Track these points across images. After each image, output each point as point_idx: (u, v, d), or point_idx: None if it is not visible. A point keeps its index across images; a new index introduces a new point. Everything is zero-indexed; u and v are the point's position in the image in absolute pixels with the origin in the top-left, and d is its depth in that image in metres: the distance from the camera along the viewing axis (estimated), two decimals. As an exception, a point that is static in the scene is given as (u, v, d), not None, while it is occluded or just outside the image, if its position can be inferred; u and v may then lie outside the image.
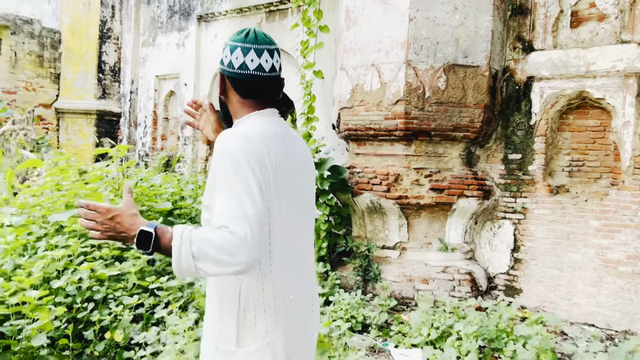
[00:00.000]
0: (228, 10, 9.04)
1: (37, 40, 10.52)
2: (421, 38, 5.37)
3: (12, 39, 10.12)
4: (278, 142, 1.55)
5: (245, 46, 1.57)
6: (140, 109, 11.07)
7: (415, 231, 5.67)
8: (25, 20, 10.32)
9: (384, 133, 5.57)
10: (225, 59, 1.61)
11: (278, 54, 1.63)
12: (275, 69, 1.61)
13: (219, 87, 1.68)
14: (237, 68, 1.58)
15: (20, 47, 10.27)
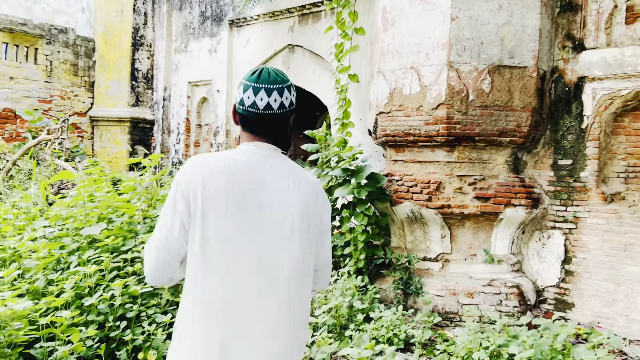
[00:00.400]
0: (260, 15, 8.90)
1: (72, 49, 10.59)
2: (464, 38, 5.09)
3: (48, 48, 10.20)
4: (235, 172, 1.65)
5: (246, 84, 1.71)
6: (173, 115, 11.04)
7: (458, 242, 5.38)
8: (60, 29, 10.40)
9: (425, 139, 5.31)
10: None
11: (279, 93, 1.70)
12: (271, 107, 1.70)
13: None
14: (238, 103, 1.73)
15: (55, 56, 10.35)
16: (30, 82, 9.99)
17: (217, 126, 9.93)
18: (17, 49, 9.82)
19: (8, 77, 9.68)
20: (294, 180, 1.72)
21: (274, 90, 1.69)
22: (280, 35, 8.68)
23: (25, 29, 9.70)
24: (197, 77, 10.45)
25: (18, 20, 9.68)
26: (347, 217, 5.39)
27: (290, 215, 1.68)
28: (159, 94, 11.33)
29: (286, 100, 1.71)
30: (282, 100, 1.70)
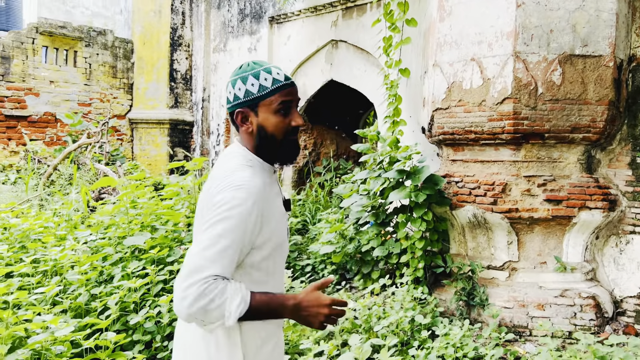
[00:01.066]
0: (302, 10, 8.58)
1: (110, 51, 10.49)
2: (531, 26, 4.64)
3: (87, 51, 10.13)
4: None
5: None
6: (212, 117, 10.84)
7: (526, 249, 4.92)
8: (99, 31, 10.31)
9: (488, 136, 4.87)
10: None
11: (230, 86, 1.70)
12: (228, 101, 1.71)
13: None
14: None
15: (94, 59, 10.27)
16: (70, 85, 9.93)
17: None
18: (57, 52, 9.78)
19: (48, 80, 9.63)
20: (216, 168, 1.73)
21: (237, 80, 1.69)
22: (323, 30, 8.34)
23: (64, 31, 9.63)
24: (237, 76, 10.20)
25: (57, 24, 9.62)
26: (403, 222, 5.01)
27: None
28: (197, 94, 11.15)
29: (229, 94, 1.69)
30: (227, 96, 1.70)
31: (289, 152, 1.75)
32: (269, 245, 1.67)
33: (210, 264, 1.50)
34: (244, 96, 1.66)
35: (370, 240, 5.28)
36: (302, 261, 5.84)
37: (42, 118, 9.55)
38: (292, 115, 1.71)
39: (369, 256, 5.34)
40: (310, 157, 9.73)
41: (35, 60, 9.39)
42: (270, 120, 1.68)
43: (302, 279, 5.32)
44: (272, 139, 1.69)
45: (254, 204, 1.57)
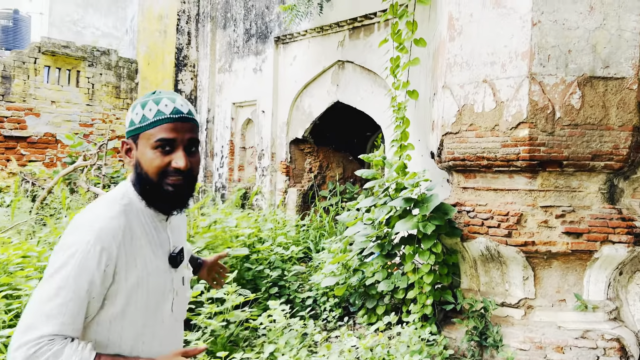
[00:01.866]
0: (308, 30, 8.36)
1: (114, 71, 10.33)
2: (548, 46, 4.33)
3: (89, 70, 9.97)
4: None
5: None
6: (216, 138, 10.60)
7: (544, 285, 4.55)
8: (102, 51, 10.16)
9: (501, 163, 4.54)
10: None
11: (132, 110, 1.52)
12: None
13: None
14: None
15: (97, 79, 10.11)
16: (72, 105, 9.76)
17: (262, 149, 9.40)
18: (59, 72, 9.62)
19: (50, 100, 9.46)
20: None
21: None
22: (329, 51, 8.10)
23: (67, 51, 9.49)
24: (242, 97, 9.99)
25: (60, 43, 9.49)
26: (411, 254, 4.66)
27: None
28: (202, 115, 10.94)
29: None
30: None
31: (169, 196, 1.49)
32: (124, 301, 1.42)
33: (45, 321, 1.29)
34: (129, 125, 1.49)
35: (375, 273, 4.94)
36: (302, 293, 5.49)
37: (42, 139, 9.36)
38: (175, 155, 1.46)
39: (374, 290, 4.99)
40: (316, 180, 9.43)
41: (36, 80, 9.24)
42: (146, 156, 1.46)
43: (302, 313, 4.98)
44: (146, 178, 1.47)
45: (102, 250, 1.34)
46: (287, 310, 4.46)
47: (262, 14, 9.38)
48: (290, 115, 9.01)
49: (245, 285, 5.29)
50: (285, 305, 5.14)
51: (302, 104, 8.84)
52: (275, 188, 9.27)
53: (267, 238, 5.93)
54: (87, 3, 20.55)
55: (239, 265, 5.33)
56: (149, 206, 1.51)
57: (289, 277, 5.46)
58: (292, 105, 8.94)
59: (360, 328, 5.06)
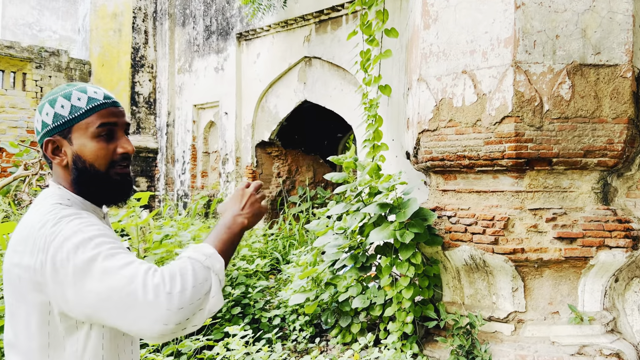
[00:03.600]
0: (271, 25, 7.83)
1: (65, 73, 9.61)
2: (533, 31, 3.90)
3: (37, 73, 9.23)
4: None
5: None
6: (177, 143, 9.96)
7: (534, 296, 4.11)
8: (52, 52, 9.43)
9: (485, 162, 4.10)
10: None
11: (40, 112, 1.34)
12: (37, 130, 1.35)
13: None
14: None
15: (46, 82, 9.37)
16: (18, 110, 9.01)
17: (226, 153, 8.81)
18: (2, 75, 8.85)
19: (-7, 105, 8.71)
20: (26, 217, 1.29)
21: (38, 110, 1.35)
22: (295, 46, 7.59)
23: (11, 52, 8.75)
24: (203, 99, 9.39)
25: (3, 43, 8.74)
26: (387, 266, 4.16)
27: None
28: (162, 119, 10.30)
29: (37, 122, 1.34)
30: (35, 126, 1.37)
31: (118, 187, 1.38)
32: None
33: (130, 267, 1.12)
34: (52, 121, 1.30)
35: (348, 288, 4.43)
36: (269, 312, 4.95)
37: (-17, 147, 8.62)
38: (119, 141, 1.36)
39: (348, 306, 4.48)
40: (285, 185, 8.89)
41: (-23, 83, 8.49)
42: (89, 148, 1.32)
43: (269, 335, 4.43)
44: (93, 171, 1.33)
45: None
46: (250, 335, 3.91)
47: (223, 9, 8.81)
48: (256, 117, 8.46)
49: (204, 306, 4.73)
50: (249, 326, 4.59)
51: (267, 104, 8.30)
52: (241, 195, 8.70)
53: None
54: (43, 5, 19.67)
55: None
56: (94, 203, 1.38)
57: (253, 294, 4.91)
58: (257, 105, 8.39)
59: (333, 349, 4.55)
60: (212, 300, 1.18)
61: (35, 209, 1.28)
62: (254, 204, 1.45)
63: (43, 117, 1.31)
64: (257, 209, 1.45)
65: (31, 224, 1.21)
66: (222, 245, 1.30)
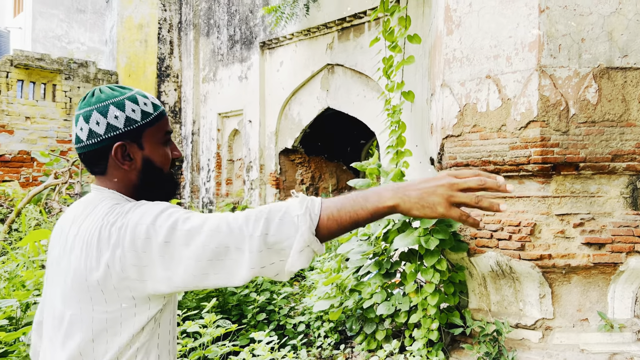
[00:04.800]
0: (294, 33, 7.90)
1: (93, 83, 9.83)
2: (558, 35, 3.87)
3: (66, 84, 9.46)
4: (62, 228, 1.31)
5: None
6: (202, 151, 10.09)
7: (563, 303, 4.04)
8: (80, 63, 9.67)
9: (510, 167, 4.06)
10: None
11: (76, 121, 1.30)
12: (80, 140, 1.28)
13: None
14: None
15: (75, 92, 9.60)
16: (48, 121, 9.24)
17: (250, 161, 8.89)
18: (34, 87, 9.10)
19: (24, 116, 8.95)
20: (80, 223, 1.24)
21: (81, 117, 1.28)
22: (318, 54, 7.64)
23: (42, 64, 8.99)
24: (228, 107, 9.50)
25: (34, 56, 8.98)
26: (412, 272, 4.15)
27: (67, 266, 1.22)
28: (187, 128, 10.44)
29: (80, 131, 1.28)
30: (77, 134, 1.29)
31: (174, 187, 1.45)
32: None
33: (211, 220, 1.13)
34: (125, 125, 1.27)
35: (373, 294, 4.43)
36: (294, 318, 4.97)
37: (16, 157, 8.83)
38: (171, 146, 1.42)
39: (372, 313, 4.47)
40: (308, 192, 8.92)
41: (9, 95, 8.72)
42: (159, 152, 1.35)
43: (294, 341, 4.45)
44: (160, 174, 1.36)
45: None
46: (275, 341, 3.94)
47: (247, 19, 8.92)
48: (279, 124, 8.52)
49: (230, 312, 4.77)
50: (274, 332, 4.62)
51: (290, 111, 8.36)
52: (265, 202, 8.76)
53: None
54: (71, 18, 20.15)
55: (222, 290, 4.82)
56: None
57: (278, 300, 4.94)
58: (280, 113, 8.46)
59: (358, 356, 4.54)
60: (289, 260, 1.12)
61: (91, 212, 1.24)
62: (441, 194, 1.10)
63: (110, 120, 1.26)
64: (435, 202, 1.09)
65: (95, 226, 1.18)
66: (340, 211, 1.14)
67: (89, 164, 1.32)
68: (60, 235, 1.29)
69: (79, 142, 1.28)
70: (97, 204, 1.26)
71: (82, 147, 1.28)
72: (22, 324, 3.73)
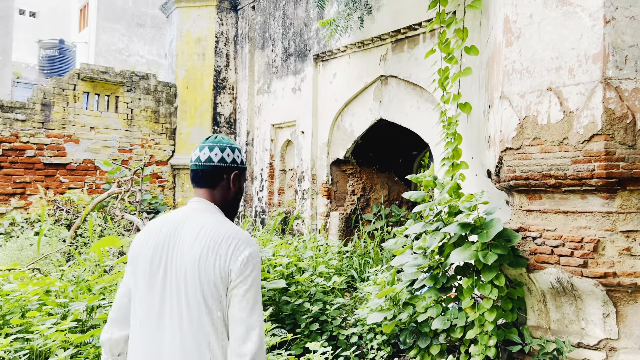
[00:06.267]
0: (348, 46, 7.97)
1: (153, 95, 10.20)
2: (624, 46, 3.76)
3: (128, 95, 9.86)
4: (160, 231, 1.83)
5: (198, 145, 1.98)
6: (256, 161, 10.28)
7: (628, 323, 3.89)
8: (141, 76, 10.06)
9: (572, 182, 3.95)
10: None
11: (209, 149, 1.92)
12: (200, 160, 1.91)
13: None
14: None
15: (136, 104, 9.99)
16: (111, 131, 9.65)
17: (302, 171, 8.99)
18: (98, 98, 9.54)
19: (89, 127, 9.38)
20: (199, 230, 1.78)
21: (206, 147, 1.92)
22: (371, 66, 7.67)
23: (106, 77, 9.41)
24: (281, 118, 9.66)
25: (99, 69, 9.42)
26: (469, 288, 4.09)
27: (185, 268, 1.74)
28: (241, 138, 10.67)
29: (215, 156, 1.91)
30: (209, 155, 1.90)
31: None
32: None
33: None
34: (241, 163, 1.98)
35: (427, 309, 4.38)
36: (346, 329, 4.98)
37: (81, 165, 9.25)
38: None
39: (427, 327, 4.43)
40: (359, 203, 8.92)
41: (75, 106, 9.18)
42: (242, 186, 2.04)
43: (347, 353, 4.46)
44: (240, 199, 2.05)
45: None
46: (329, 352, 3.96)
47: (301, 32, 9.07)
48: (331, 135, 8.59)
49: (283, 321, 4.83)
50: (327, 343, 4.64)
51: (342, 123, 8.42)
52: (316, 212, 8.82)
53: (307, 267, 5.46)
54: (132, 32, 20.99)
55: (276, 298, 4.88)
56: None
57: (331, 311, 4.97)
58: (332, 124, 8.52)
59: (412, 370, 4.50)
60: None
61: (214, 220, 1.82)
62: None
63: (235, 156, 1.95)
64: None
65: (223, 232, 1.76)
66: None
67: (208, 177, 1.90)
68: (169, 231, 1.82)
69: (209, 161, 1.89)
70: (213, 213, 1.87)
71: (211, 165, 1.89)
72: (88, 327, 3.89)
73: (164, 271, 1.74)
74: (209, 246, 1.71)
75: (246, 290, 1.70)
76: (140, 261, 1.79)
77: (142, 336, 1.74)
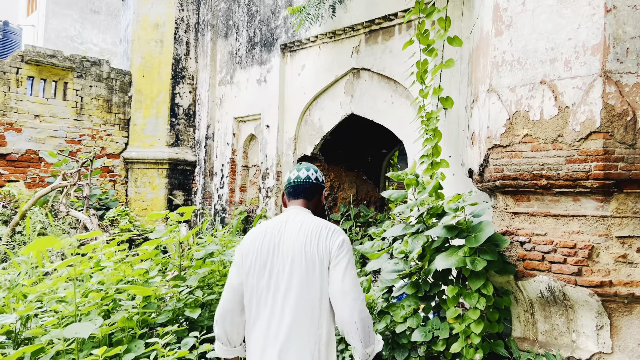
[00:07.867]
0: (318, 36, 7.55)
1: (105, 83, 9.50)
2: (626, 37, 3.48)
3: (78, 82, 9.14)
4: (266, 231, 2.26)
5: (292, 169, 2.45)
6: (216, 156, 9.72)
7: (622, 336, 3.63)
8: (93, 61, 9.35)
9: (565, 183, 3.66)
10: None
11: (306, 169, 2.45)
12: (299, 178, 2.42)
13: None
14: (285, 183, 2.48)
15: (86, 91, 9.27)
16: (58, 120, 8.91)
17: (267, 167, 8.52)
18: (44, 84, 8.78)
19: (33, 114, 8.62)
20: (301, 225, 2.24)
21: (303, 169, 2.45)
22: (343, 58, 7.28)
23: (53, 61, 8.67)
24: (244, 111, 9.15)
25: (46, 52, 8.67)
26: (454, 297, 3.74)
27: (292, 252, 2.17)
28: (201, 131, 10.10)
29: (312, 175, 2.43)
30: (308, 174, 2.43)
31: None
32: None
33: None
34: (322, 182, 2.50)
35: (406, 318, 4.02)
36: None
37: (23, 156, 8.49)
38: None
39: (405, 338, 4.06)
40: (326, 202, 8.52)
41: (18, 92, 8.40)
42: (322, 199, 2.55)
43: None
44: (324, 208, 2.06)
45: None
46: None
47: (268, 20, 8.58)
48: (298, 130, 8.15)
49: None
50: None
51: (311, 117, 8.00)
52: (280, 211, 8.37)
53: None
54: (85, 19, 19.96)
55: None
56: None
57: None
58: (300, 119, 8.09)
59: (387, 385, 4.12)
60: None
61: (310, 218, 2.28)
62: None
63: (323, 178, 2.50)
64: None
65: (321, 224, 2.23)
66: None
67: (307, 191, 2.40)
68: (274, 231, 2.24)
69: (308, 179, 2.40)
70: (307, 214, 2.34)
71: (311, 183, 2.40)
72: (21, 340, 3.37)
73: (271, 263, 2.15)
74: (312, 233, 2.17)
75: (345, 266, 2.11)
76: (249, 258, 2.19)
77: (257, 318, 2.13)
